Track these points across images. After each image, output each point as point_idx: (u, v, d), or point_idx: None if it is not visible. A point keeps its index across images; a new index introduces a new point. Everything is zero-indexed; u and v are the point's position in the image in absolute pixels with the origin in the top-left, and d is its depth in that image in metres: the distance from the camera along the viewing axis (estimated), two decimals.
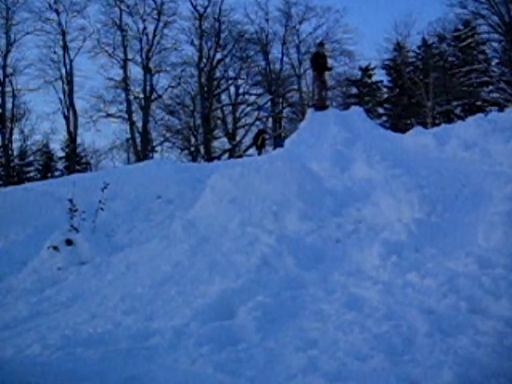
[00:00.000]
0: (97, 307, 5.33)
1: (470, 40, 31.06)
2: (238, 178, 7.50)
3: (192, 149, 35.23)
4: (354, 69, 35.79)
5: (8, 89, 32.22)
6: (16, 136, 34.24)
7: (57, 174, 34.96)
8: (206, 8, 33.32)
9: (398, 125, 30.51)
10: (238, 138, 34.71)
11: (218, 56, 34.28)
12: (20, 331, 4.97)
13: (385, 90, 37.24)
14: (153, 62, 33.49)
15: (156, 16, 33.14)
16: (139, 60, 33.44)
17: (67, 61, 32.74)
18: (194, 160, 32.34)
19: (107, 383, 3.25)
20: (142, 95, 33.32)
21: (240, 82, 35.68)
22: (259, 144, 20.62)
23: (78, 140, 34.70)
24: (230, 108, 35.65)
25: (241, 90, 36.09)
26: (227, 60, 34.72)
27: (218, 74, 35.22)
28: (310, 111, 11.26)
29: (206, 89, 33.22)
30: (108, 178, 8.83)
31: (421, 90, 30.51)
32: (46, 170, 36.24)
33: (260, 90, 35.80)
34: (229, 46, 34.25)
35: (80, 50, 33.09)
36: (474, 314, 3.99)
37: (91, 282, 6.38)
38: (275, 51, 35.65)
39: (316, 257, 5.68)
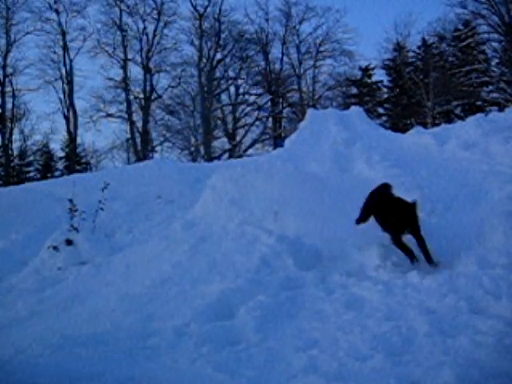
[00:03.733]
0: (97, 307, 5.32)
1: (470, 40, 31.02)
2: (238, 178, 7.50)
3: (192, 149, 35.22)
4: (354, 69, 35.78)
5: (8, 89, 32.23)
6: (16, 136, 34.17)
7: (57, 174, 34.89)
8: (206, 8, 33.38)
9: (398, 125, 30.46)
10: (238, 138, 34.71)
11: (218, 56, 34.35)
12: (20, 331, 4.97)
13: (385, 90, 37.17)
14: (153, 62, 33.53)
15: (156, 16, 33.19)
16: (139, 60, 33.49)
17: (67, 61, 32.77)
18: (194, 160, 32.30)
19: (107, 383, 3.24)
20: (142, 95, 33.35)
21: (240, 82, 35.70)
22: None
23: (78, 140, 34.70)
24: (230, 108, 35.63)
25: (241, 90, 36.11)
26: (227, 60, 34.76)
27: (217, 74, 35.23)
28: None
29: (206, 89, 33.23)
30: (108, 178, 8.84)
31: (421, 89, 30.49)
32: (46, 170, 36.17)
33: (260, 90, 35.80)
34: (229, 46, 34.29)
35: (80, 49, 33.11)
36: (474, 314, 3.99)
37: (91, 282, 6.37)
38: (275, 51, 35.68)
39: (316, 257, 5.68)
